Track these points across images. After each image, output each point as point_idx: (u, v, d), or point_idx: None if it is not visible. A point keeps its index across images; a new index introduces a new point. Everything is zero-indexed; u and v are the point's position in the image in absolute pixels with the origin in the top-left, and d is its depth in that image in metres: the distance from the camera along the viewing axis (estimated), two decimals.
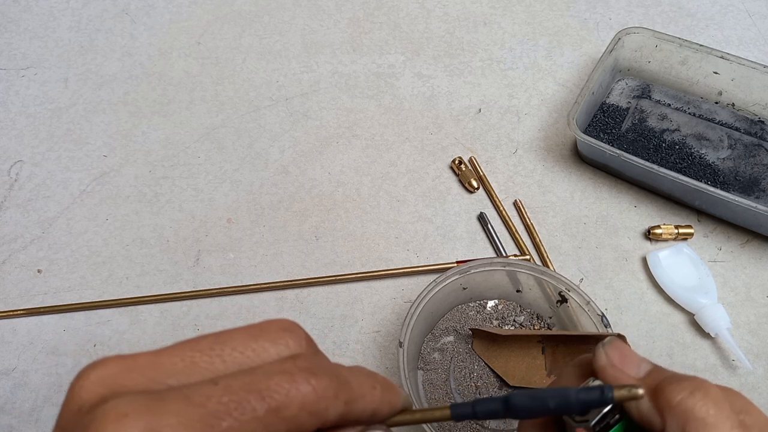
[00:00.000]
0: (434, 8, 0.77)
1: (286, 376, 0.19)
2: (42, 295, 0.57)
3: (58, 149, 0.66)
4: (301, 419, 0.19)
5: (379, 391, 0.22)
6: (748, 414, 0.23)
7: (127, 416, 0.17)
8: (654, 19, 0.75)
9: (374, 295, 0.56)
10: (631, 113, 0.64)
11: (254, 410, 0.18)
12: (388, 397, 0.22)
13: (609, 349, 0.25)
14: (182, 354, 0.19)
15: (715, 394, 0.23)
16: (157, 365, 0.19)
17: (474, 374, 0.50)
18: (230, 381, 0.18)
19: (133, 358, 0.19)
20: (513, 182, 0.62)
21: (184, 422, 0.17)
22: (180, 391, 0.18)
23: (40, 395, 0.52)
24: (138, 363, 0.19)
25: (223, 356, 0.20)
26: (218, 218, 0.61)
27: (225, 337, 0.20)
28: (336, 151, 0.65)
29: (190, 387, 0.18)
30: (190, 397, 0.17)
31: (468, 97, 0.69)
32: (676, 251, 0.56)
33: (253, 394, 0.18)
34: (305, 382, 0.19)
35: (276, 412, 0.18)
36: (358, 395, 0.21)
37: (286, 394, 0.18)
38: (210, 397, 0.18)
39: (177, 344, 0.20)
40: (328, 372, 0.20)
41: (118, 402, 0.17)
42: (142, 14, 0.77)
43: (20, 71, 0.72)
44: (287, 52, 0.73)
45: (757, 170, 0.60)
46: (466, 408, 0.23)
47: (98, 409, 0.17)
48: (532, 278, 0.50)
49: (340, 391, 0.20)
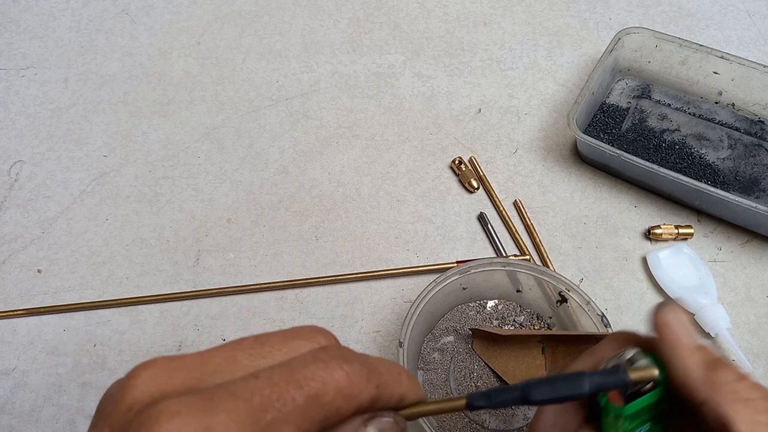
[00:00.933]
0: (434, 8, 0.77)
1: (320, 364, 0.20)
2: (42, 295, 0.56)
3: (58, 149, 0.66)
4: (338, 404, 0.20)
5: (405, 377, 0.23)
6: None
7: (180, 415, 0.17)
8: (654, 19, 0.75)
9: (374, 295, 0.56)
10: (631, 113, 0.64)
11: (294, 400, 0.19)
12: (413, 385, 0.23)
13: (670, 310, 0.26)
14: (225, 353, 0.21)
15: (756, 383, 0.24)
16: (202, 365, 0.20)
17: (474, 374, 0.50)
18: (270, 373, 0.19)
19: (180, 359, 0.20)
20: (513, 182, 0.62)
21: (234, 418, 0.18)
22: (226, 388, 0.19)
23: (40, 395, 0.52)
24: (185, 363, 0.20)
25: (263, 353, 0.21)
26: (218, 218, 0.61)
27: (263, 338, 0.21)
28: (336, 151, 0.65)
29: (235, 383, 0.19)
30: (236, 393, 0.18)
31: (468, 97, 0.69)
32: (676, 251, 0.56)
33: (292, 384, 0.19)
34: (338, 368, 0.20)
35: (314, 399, 0.19)
36: (388, 380, 0.22)
37: (322, 381, 0.19)
38: (254, 391, 0.19)
39: (220, 345, 0.21)
40: (358, 358, 0.21)
41: (171, 402, 0.18)
42: (142, 14, 0.77)
43: (20, 71, 0.72)
44: (287, 52, 0.73)
45: (757, 170, 0.60)
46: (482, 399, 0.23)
47: (152, 408, 0.18)
48: (532, 278, 0.50)
49: (371, 375, 0.21)
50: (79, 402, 0.51)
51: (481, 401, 0.23)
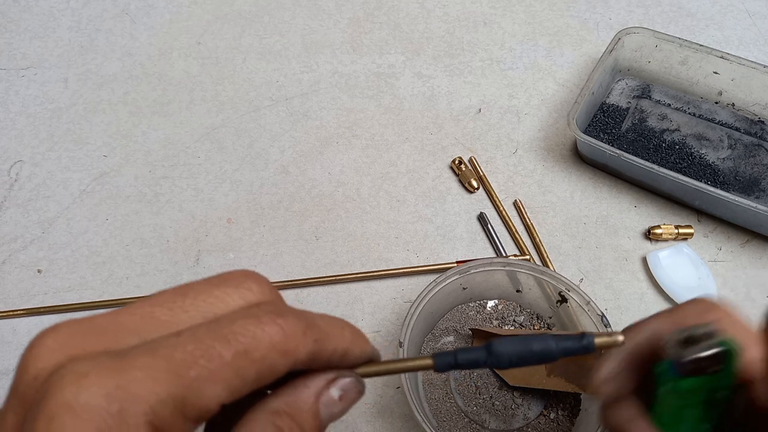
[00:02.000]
0: (434, 8, 0.77)
1: (252, 320, 0.18)
2: (42, 295, 0.56)
3: (58, 149, 0.66)
4: (272, 359, 0.18)
5: (348, 332, 0.21)
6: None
7: (88, 376, 0.16)
8: (654, 19, 0.75)
9: (374, 295, 0.56)
10: (631, 113, 0.64)
11: (221, 356, 0.17)
12: (357, 340, 0.21)
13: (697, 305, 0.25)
14: (141, 311, 0.19)
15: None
16: (116, 325, 0.18)
17: (474, 374, 0.50)
18: (194, 330, 0.18)
19: (89, 320, 0.18)
20: (513, 182, 0.62)
21: (151, 374, 0.16)
22: (143, 346, 0.17)
23: None
24: (95, 324, 0.18)
25: (184, 307, 0.19)
26: (218, 218, 0.61)
27: (186, 290, 0.19)
28: (336, 151, 0.65)
29: (154, 341, 0.17)
30: (155, 351, 0.17)
31: (468, 97, 0.69)
32: (676, 251, 0.56)
33: (219, 339, 0.17)
34: (271, 323, 0.18)
35: (244, 355, 0.18)
36: (328, 334, 0.20)
37: (253, 336, 0.18)
38: (175, 348, 0.17)
39: (135, 302, 0.19)
40: (294, 312, 0.19)
41: (77, 363, 0.16)
42: (142, 14, 0.77)
43: (20, 71, 0.72)
44: (287, 52, 0.73)
45: (757, 170, 0.60)
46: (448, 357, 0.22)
47: (55, 373, 0.16)
48: (532, 278, 0.50)
49: (308, 329, 0.19)
50: None
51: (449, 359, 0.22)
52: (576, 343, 0.22)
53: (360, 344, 0.22)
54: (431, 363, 0.22)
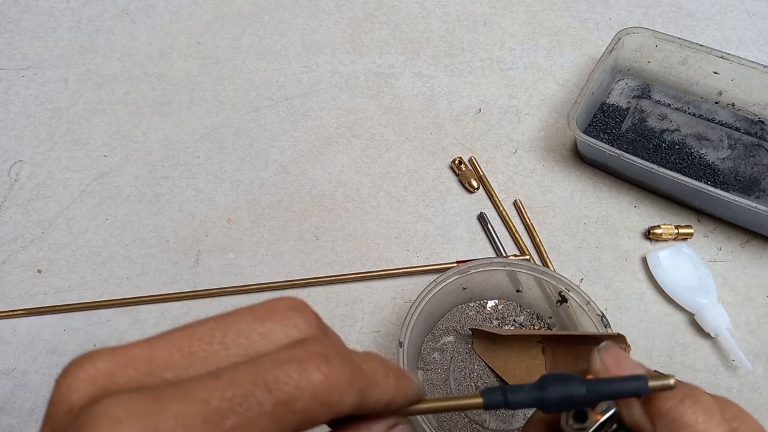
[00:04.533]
0: (434, 8, 0.77)
1: (296, 365, 0.17)
2: (42, 295, 0.56)
3: (58, 149, 0.66)
4: (313, 411, 0.17)
5: (393, 380, 0.20)
6: (741, 422, 0.23)
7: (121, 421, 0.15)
8: (654, 19, 0.75)
9: (374, 295, 0.56)
10: (631, 113, 0.64)
11: (261, 405, 0.16)
12: (402, 387, 0.21)
13: (604, 355, 0.25)
14: (179, 343, 0.18)
15: (705, 401, 0.22)
16: (153, 358, 0.17)
17: (474, 374, 0.50)
18: (234, 373, 0.17)
19: (125, 349, 0.17)
20: (513, 182, 0.62)
21: (183, 423, 0.15)
22: (178, 387, 0.16)
23: (40, 395, 0.51)
24: (131, 356, 0.17)
25: (225, 343, 0.18)
26: (218, 218, 0.61)
27: (228, 321, 0.18)
28: (336, 151, 0.65)
29: (190, 382, 0.16)
30: (190, 395, 0.16)
31: (468, 97, 0.69)
32: (676, 251, 0.56)
33: (260, 387, 0.16)
34: (317, 370, 0.17)
35: (285, 405, 0.17)
36: (372, 383, 0.19)
37: (296, 385, 0.17)
38: (212, 393, 0.16)
39: (174, 331, 0.18)
40: (341, 358, 0.18)
41: (110, 403, 0.16)
42: (142, 14, 0.77)
43: (20, 71, 0.72)
44: (287, 52, 0.73)
45: (757, 170, 0.60)
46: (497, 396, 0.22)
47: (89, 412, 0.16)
48: (532, 278, 0.50)
49: (354, 378, 0.18)
50: None
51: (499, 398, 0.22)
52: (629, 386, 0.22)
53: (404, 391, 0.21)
54: (480, 402, 0.22)
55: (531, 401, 0.22)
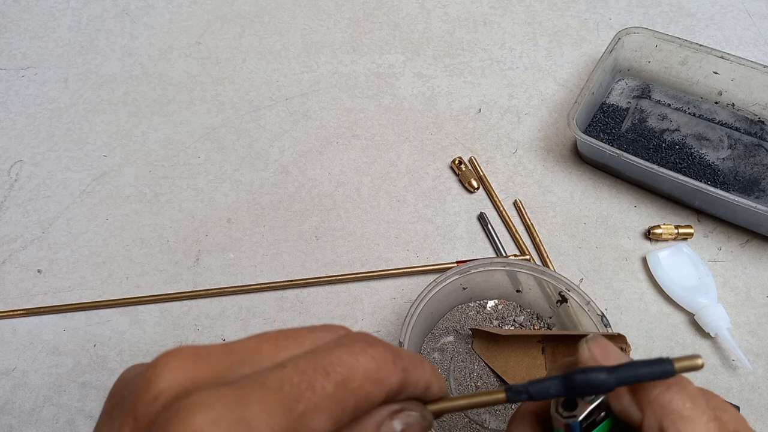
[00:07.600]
0: (434, 8, 0.77)
1: (345, 348, 0.20)
2: (42, 295, 0.56)
3: (58, 149, 0.66)
4: (368, 389, 0.19)
5: (428, 366, 0.23)
6: (723, 411, 0.24)
7: (214, 407, 0.17)
8: (654, 19, 0.75)
9: (374, 295, 0.56)
10: (631, 113, 0.64)
11: (324, 387, 0.19)
12: (436, 374, 0.23)
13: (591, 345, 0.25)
14: (250, 344, 0.20)
15: (691, 390, 0.23)
16: (229, 355, 0.20)
17: (474, 374, 0.50)
18: (296, 362, 0.19)
19: (205, 348, 0.20)
20: (513, 182, 0.62)
21: (267, 409, 0.18)
22: (255, 378, 0.18)
23: (40, 395, 0.52)
24: (211, 353, 0.20)
25: (287, 345, 0.21)
26: (218, 218, 0.61)
27: (286, 331, 0.21)
28: (336, 151, 0.65)
29: (263, 373, 0.19)
30: (266, 383, 0.18)
31: (468, 97, 0.69)
32: (676, 251, 0.56)
33: (319, 371, 0.19)
34: (363, 352, 0.20)
35: (343, 385, 0.19)
36: (412, 365, 0.21)
37: (349, 366, 0.19)
38: (283, 380, 0.18)
39: (244, 338, 0.21)
40: (382, 342, 0.21)
41: (202, 394, 0.17)
42: (142, 14, 0.77)
43: (20, 71, 0.72)
44: (287, 52, 0.73)
45: (757, 170, 0.60)
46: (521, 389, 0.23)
47: (183, 401, 0.17)
48: (532, 278, 0.50)
49: (396, 359, 0.21)
50: (79, 402, 0.51)
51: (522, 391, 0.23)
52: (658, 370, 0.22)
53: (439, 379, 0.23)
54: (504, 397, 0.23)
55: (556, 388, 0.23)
